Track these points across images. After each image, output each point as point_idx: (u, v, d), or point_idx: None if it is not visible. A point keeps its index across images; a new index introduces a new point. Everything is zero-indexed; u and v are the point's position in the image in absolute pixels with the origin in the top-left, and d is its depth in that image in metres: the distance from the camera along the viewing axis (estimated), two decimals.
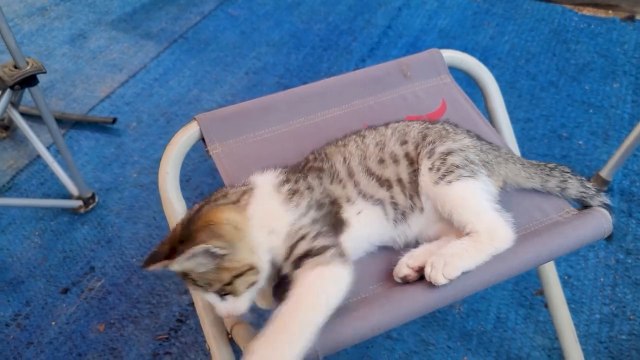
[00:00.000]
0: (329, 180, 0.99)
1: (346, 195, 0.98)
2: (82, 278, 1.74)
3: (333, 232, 0.92)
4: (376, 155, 1.02)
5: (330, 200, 0.96)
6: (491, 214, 0.95)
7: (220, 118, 1.18)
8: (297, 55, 2.58)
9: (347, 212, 0.97)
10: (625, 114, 2.17)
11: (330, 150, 1.05)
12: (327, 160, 1.02)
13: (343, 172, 1.00)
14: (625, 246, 1.72)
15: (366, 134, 1.08)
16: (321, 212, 0.93)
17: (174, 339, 1.57)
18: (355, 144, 1.05)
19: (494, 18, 2.72)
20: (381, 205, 0.98)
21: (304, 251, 0.88)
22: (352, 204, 0.98)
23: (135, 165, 2.10)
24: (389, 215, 0.98)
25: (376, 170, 1.01)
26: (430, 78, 1.31)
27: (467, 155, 0.99)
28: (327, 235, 0.90)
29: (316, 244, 0.88)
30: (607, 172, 1.86)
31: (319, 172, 1.00)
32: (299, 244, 0.89)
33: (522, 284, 1.64)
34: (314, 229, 0.90)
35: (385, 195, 0.99)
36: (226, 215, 0.88)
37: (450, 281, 0.88)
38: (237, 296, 0.87)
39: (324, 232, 0.90)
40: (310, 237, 0.89)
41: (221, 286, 0.86)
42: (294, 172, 1.01)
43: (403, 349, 1.51)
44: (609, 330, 1.53)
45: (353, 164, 1.01)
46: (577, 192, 1.07)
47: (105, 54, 2.67)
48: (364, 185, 0.99)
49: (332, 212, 0.95)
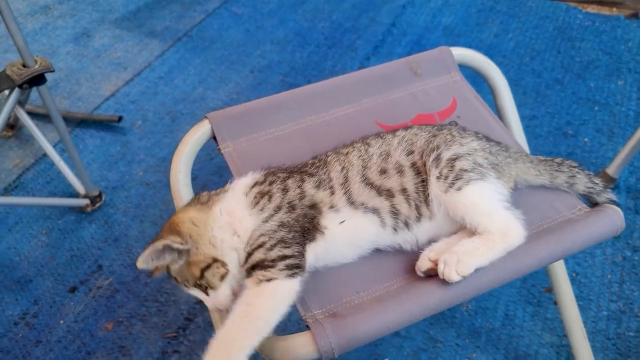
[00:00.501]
0: (316, 186, 0.99)
1: (331, 202, 0.98)
2: (89, 276, 1.74)
3: (300, 239, 0.93)
4: (378, 165, 1.02)
5: (309, 204, 0.97)
6: (502, 212, 0.96)
7: (231, 116, 1.18)
8: (302, 53, 2.58)
9: (327, 219, 0.97)
10: (630, 111, 2.17)
11: (331, 158, 1.04)
12: (324, 167, 1.03)
13: (336, 180, 1.00)
14: (632, 243, 1.73)
15: (372, 142, 1.06)
16: (292, 215, 0.94)
17: (182, 338, 1.58)
18: (358, 153, 1.04)
19: (498, 15, 2.72)
20: (376, 214, 0.98)
21: (258, 260, 0.90)
22: (335, 212, 0.97)
23: (141, 163, 2.10)
24: (387, 223, 0.98)
25: (376, 180, 1.00)
26: (440, 76, 1.31)
27: (475, 159, 0.99)
28: (289, 243, 0.91)
29: (271, 255, 0.90)
30: (613, 169, 1.86)
31: (307, 177, 1.01)
32: (255, 253, 0.91)
33: (530, 281, 1.65)
34: (277, 236, 0.91)
35: (383, 204, 0.98)
36: (187, 215, 0.96)
37: (464, 278, 0.89)
38: (215, 289, 0.93)
39: (287, 239, 0.91)
40: (267, 246, 0.91)
41: (195, 281, 0.92)
42: (279, 172, 1.02)
43: (411, 346, 1.52)
44: (616, 327, 1.54)
45: (351, 173, 1.01)
46: (585, 188, 1.08)
47: (109, 52, 2.67)
48: (357, 194, 0.98)
49: (307, 215, 0.95)
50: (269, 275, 0.88)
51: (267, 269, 0.89)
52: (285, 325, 1.61)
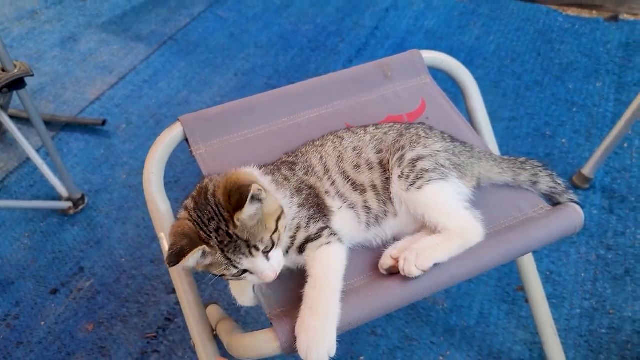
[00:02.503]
0: (303, 172, 1.03)
1: (324, 188, 1.01)
2: (71, 278, 1.76)
3: (320, 215, 0.97)
4: (353, 159, 1.05)
5: (308, 186, 1.00)
6: (461, 212, 0.98)
7: (203, 119, 1.20)
8: (286, 57, 2.60)
9: (328, 202, 1.00)
10: (607, 112, 2.20)
11: (306, 149, 1.08)
12: (302, 156, 1.06)
13: (319, 168, 1.03)
14: (606, 242, 1.75)
15: (344, 136, 1.10)
16: (302, 196, 0.97)
17: (162, 338, 1.59)
18: (333, 145, 1.07)
19: (480, 18, 2.75)
20: (354, 209, 1.01)
21: (304, 239, 0.94)
22: (332, 199, 1.01)
23: (124, 166, 2.12)
24: (361, 218, 1.01)
25: (351, 174, 1.03)
26: (410, 78, 1.33)
27: (438, 160, 1.02)
28: (317, 218, 0.95)
29: (312, 231, 0.94)
30: (589, 169, 1.89)
31: (292, 165, 1.04)
32: (298, 234, 0.94)
33: (504, 280, 1.67)
34: (304, 216, 0.95)
35: (358, 199, 1.01)
36: (242, 173, 0.89)
37: (424, 272, 0.91)
38: (279, 246, 0.88)
39: (312, 215, 0.95)
40: (304, 225, 0.94)
41: (270, 235, 0.85)
42: (267, 166, 1.04)
43: (387, 344, 1.54)
44: (589, 324, 1.56)
45: (330, 163, 1.04)
46: (548, 187, 1.11)
47: (95, 56, 2.69)
48: (340, 186, 1.02)
49: (312, 195, 0.99)
50: (323, 241, 0.93)
51: (317, 239, 0.93)
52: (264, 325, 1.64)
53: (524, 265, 1.37)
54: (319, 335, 0.85)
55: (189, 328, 1.15)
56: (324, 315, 0.86)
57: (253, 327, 1.60)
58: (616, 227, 1.79)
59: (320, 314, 0.86)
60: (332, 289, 0.89)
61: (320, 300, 0.87)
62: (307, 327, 0.85)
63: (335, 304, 0.88)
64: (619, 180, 1.94)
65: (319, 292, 0.88)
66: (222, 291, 1.68)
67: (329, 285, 0.89)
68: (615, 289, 1.64)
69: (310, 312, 0.87)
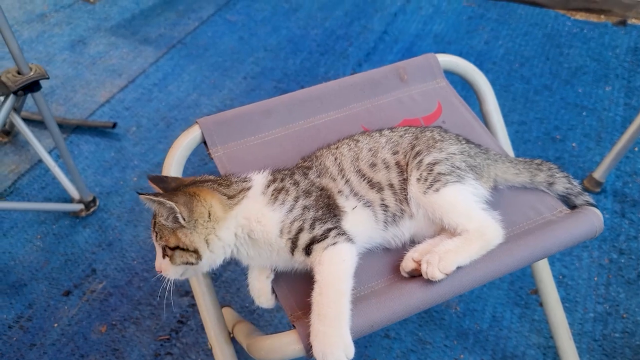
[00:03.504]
0: (316, 174, 1.03)
1: (337, 188, 1.02)
2: (83, 280, 1.76)
3: (330, 215, 0.97)
4: (368, 158, 1.06)
5: (320, 188, 1.01)
6: (479, 213, 0.99)
7: (221, 121, 1.20)
8: (295, 60, 2.61)
9: (341, 202, 1.00)
10: (617, 116, 2.20)
11: (321, 152, 1.09)
12: (317, 159, 1.07)
13: (333, 169, 1.04)
14: (618, 246, 1.75)
15: (360, 138, 1.11)
16: (311, 198, 0.98)
17: (175, 340, 1.60)
18: (348, 147, 1.09)
19: (489, 23, 2.76)
20: (371, 207, 1.01)
21: (309, 240, 0.94)
22: (346, 199, 1.01)
23: (135, 169, 2.13)
24: (379, 217, 1.01)
25: (367, 172, 1.04)
26: (426, 82, 1.34)
27: (454, 162, 1.02)
28: (324, 219, 0.96)
29: (317, 232, 0.94)
30: (600, 173, 1.89)
31: (306, 170, 1.05)
32: (300, 236, 0.94)
33: (517, 283, 1.67)
34: (308, 217, 0.95)
35: (375, 197, 1.02)
36: (212, 200, 0.95)
37: (447, 276, 0.91)
38: (172, 263, 0.95)
39: (319, 216, 0.96)
40: (306, 227, 0.94)
41: (164, 245, 0.95)
42: (282, 171, 1.05)
43: (401, 347, 1.54)
44: (602, 329, 1.56)
45: (345, 163, 1.05)
46: (564, 189, 1.12)
47: (104, 59, 2.70)
48: (355, 184, 1.02)
49: (323, 195, 0.99)
50: (329, 242, 0.93)
51: (323, 240, 0.93)
52: (276, 327, 1.64)
53: (538, 269, 1.37)
54: (332, 341, 0.85)
55: (207, 331, 1.15)
56: (333, 319, 0.86)
57: (266, 330, 1.60)
58: (628, 231, 1.79)
59: (329, 318, 0.86)
60: (339, 291, 0.89)
61: (327, 305, 0.87)
62: (318, 333, 0.85)
63: (344, 305, 0.88)
64: (631, 184, 1.94)
65: (325, 298, 0.88)
66: (235, 294, 1.68)
67: (335, 288, 0.89)
68: (629, 293, 1.63)
69: (319, 318, 0.87)
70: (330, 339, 0.85)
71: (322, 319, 0.86)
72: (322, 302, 0.88)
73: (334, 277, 0.90)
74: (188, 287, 1.69)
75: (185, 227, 0.93)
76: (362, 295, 0.96)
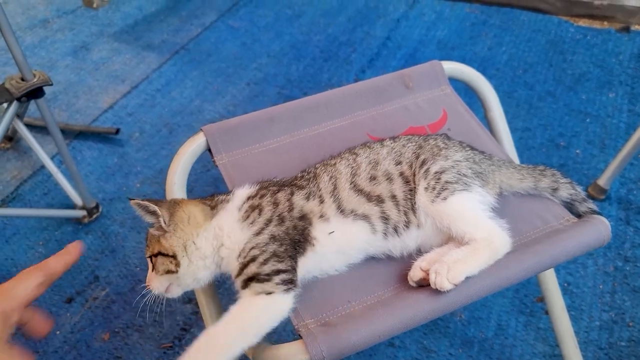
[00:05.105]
0: (305, 197, 1.01)
1: (320, 211, 0.99)
2: (86, 287, 1.75)
3: (292, 252, 0.94)
4: (367, 172, 1.04)
5: (298, 215, 0.98)
6: (486, 222, 0.98)
7: (226, 129, 1.20)
8: (298, 66, 2.61)
9: (317, 229, 0.98)
10: (621, 123, 2.20)
11: (320, 170, 1.06)
12: (313, 179, 1.04)
13: (325, 189, 1.02)
14: (623, 254, 1.75)
15: (359, 152, 1.09)
16: (282, 227, 0.96)
17: (178, 348, 1.59)
18: (347, 162, 1.06)
19: (492, 29, 2.76)
20: (366, 220, 0.99)
21: (252, 274, 0.92)
22: (325, 221, 0.99)
23: (138, 175, 2.12)
24: (377, 228, 0.99)
25: (365, 186, 1.02)
26: (431, 89, 1.33)
27: (460, 170, 1.02)
28: (282, 258, 0.92)
29: (265, 269, 0.91)
30: (604, 180, 1.89)
31: (297, 189, 1.02)
32: (250, 265, 0.92)
33: (522, 291, 1.66)
34: (269, 250, 0.93)
35: (373, 210, 1.00)
36: (193, 207, 0.99)
37: (455, 286, 0.91)
38: (156, 274, 0.97)
39: (279, 252, 0.93)
40: (260, 260, 0.92)
41: (150, 254, 0.97)
42: (271, 186, 1.04)
43: (405, 356, 1.53)
44: (608, 337, 1.55)
45: (340, 182, 1.03)
46: (568, 195, 1.11)
47: (107, 65, 2.70)
48: (346, 201, 1.00)
49: (297, 227, 0.97)
50: (267, 289, 0.90)
51: (264, 282, 0.90)
52: (280, 335, 1.63)
53: (544, 276, 1.36)
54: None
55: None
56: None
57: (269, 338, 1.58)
58: (633, 238, 1.78)
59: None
60: (233, 344, 0.86)
61: (217, 345, 0.86)
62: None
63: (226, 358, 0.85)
64: (635, 191, 1.93)
65: (215, 339, 0.87)
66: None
67: (234, 337, 0.87)
68: (634, 301, 1.62)
69: (198, 351, 0.85)
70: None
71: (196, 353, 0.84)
72: (209, 341, 0.86)
73: (242, 328, 0.88)
74: (192, 294, 1.68)
75: (167, 231, 0.96)
76: (370, 304, 0.96)
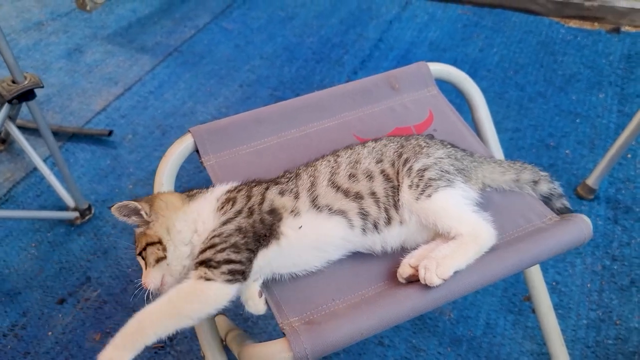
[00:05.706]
0: (279, 192, 1.03)
1: (293, 206, 1.01)
2: (78, 288, 1.76)
3: (253, 245, 0.96)
4: (347, 171, 1.06)
5: (268, 209, 1.00)
6: (471, 216, 1.00)
7: (213, 130, 1.21)
8: (290, 68, 2.62)
9: (286, 225, 0.99)
10: (611, 123, 2.22)
11: (301, 170, 1.08)
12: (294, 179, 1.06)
13: (302, 186, 1.04)
14: (611, 252, 1.76)
15: (341, 153, 1.11)
16: (249, 220, 0.98)
17: (169, 348, 1.60)
18: (328, 162, 1.09)
19: (483, 30, 2.78)
20: (343, 215, 1.01)
21: (205, 258, 0.95)
22: (296, 217, 1.00)
23: (130, 176, 2.13)
24: (355, 224, 1.01)
25: (343, 183, 1.04)
26: (418, 90, 1.35)
27: (442, 167, 1.04)
28: (239, 249, 0.95)
29: (217, 257, 0.94)
30: (593, 180, 1.90)
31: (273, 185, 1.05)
32: (206, 251, 0.96)
33: (510, 290, 1.68)
34: (230, 241, 0.95)
35: (350, 205, 1.01)
36: (169, 195, 1.06)
37: (444, 281, 0.92)
38: (148, 267, 0.99)
39: (240, 244, 0.95)
40: (218, 248, 0.95)
41: (140, 250, 1.00)
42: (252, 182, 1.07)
43: (394, 355, 1.54)
44: (595, 335, 1.56)
45: (318, 180, 1.04)
46: (547, 189, 1.15)
47: (101, 67, 2.71)
48: (322, 197, 1.02)
49: (265, 220, 0.99)
50: (209, 275, 0.92)
51: (210, 269, 0.93)
52: (270, 335, 1.64)
53: (531, 275, 1.38)
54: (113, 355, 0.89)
55: (199, 339, 1.15)
56: (131, 336, 0.89)
57: (260, 337, 1.60)
58: (621, 237, 1.80)
59: (129, 334, 0.90)
60: (164, 321, 0.90)
61: (136, 326, 0.90)
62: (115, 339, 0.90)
63: (148, 337, 0.89)
64: (624, 191, 1.95)
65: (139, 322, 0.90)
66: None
67: (166, 316, 0.91)
68: (622, 300, 1.64)
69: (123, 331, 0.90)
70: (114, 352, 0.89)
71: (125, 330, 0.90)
72: (144, 318, 0.90)
73: (175, 308, 0.91)
74: None
75: (150, 221, 1.00)
76: (354, 302, 0.97)
